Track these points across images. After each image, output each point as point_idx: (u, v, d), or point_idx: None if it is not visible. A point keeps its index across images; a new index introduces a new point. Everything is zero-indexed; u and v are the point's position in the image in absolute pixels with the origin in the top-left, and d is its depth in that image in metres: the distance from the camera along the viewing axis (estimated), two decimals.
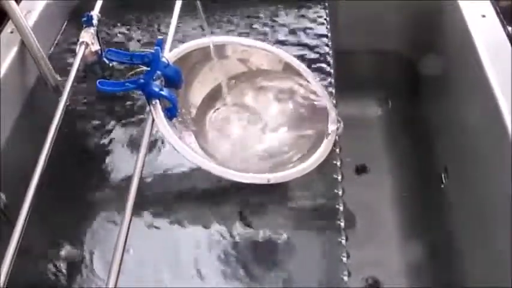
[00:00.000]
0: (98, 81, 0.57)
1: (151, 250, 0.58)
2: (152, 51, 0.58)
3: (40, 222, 0.57)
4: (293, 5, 0.85)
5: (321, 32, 0.80)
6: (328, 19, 0.83)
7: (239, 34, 0.80)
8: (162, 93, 0.58)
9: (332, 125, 0.62)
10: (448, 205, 0.81)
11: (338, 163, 0.62)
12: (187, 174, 0.64)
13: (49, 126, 0.58)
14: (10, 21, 0.71)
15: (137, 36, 0.84)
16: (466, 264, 0.73)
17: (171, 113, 0.59)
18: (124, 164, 0.66)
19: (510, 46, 0.69)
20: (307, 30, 0.81)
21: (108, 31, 0.84)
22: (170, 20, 0.68)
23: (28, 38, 0.70)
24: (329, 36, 0.79)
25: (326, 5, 0.85)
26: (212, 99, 0.68)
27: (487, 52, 0.69)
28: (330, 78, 0.72)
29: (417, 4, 0.92)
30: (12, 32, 0.73)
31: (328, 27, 0.81)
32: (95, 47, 0.72)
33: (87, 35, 0.70)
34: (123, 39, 0.83)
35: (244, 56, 0.69)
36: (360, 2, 0.94)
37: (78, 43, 0.70)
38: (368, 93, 1.04)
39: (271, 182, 0.56)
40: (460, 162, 0.78)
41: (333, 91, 0.70)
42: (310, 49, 0.77)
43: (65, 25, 0.85)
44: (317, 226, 0.58)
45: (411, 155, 0.95)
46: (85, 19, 0.72)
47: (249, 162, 0.61)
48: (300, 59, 0.72)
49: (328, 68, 0.74)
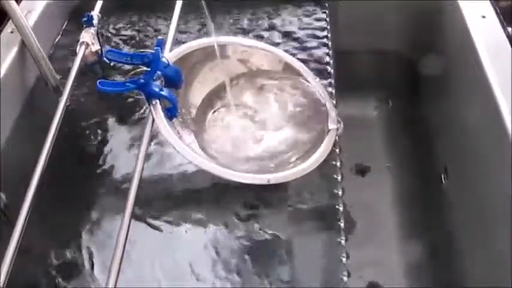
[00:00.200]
0: (98, 81, 0.57)
1: (150, 250, 0.58)
2: (152, 51, 0.58)
3: (40, 222, 0.57)
4: (293, 5, 0.85)
5: (321, 32, 0.80)
6: (328, 19, 0.83)
7: (239, 34, 0.80)
8: (162, 93, 0.58)
9: (332, 124, 0.62)
10: (448, 205, 0.81)
11: (338, 163, 0.61)
12: (187, 174, 0.64)
13: (49, 126, 0.58)
14: (10, 21, 0.71)
15: (137, 36, 0.84)
16: (466, 264, 0.73)
17: (171, 113, 0.59)
18: (124, 164, 0.66)
19: (510, 46, 0.69)
20: (307, 30, 0.81)
21: (108, 31, 0.85)
22: (170, 20, 0.69)
23: (28, 38, 0.70)
24: (329, 36, 0.79)
25: (326, 5, 0.85)
26: (212, 99, 0.68)
27: (487, 52, 0.69)
28: (330, 78, 0.72)
29: (417, 4, 0.92)
30: (12, 32, 0.73)
31: (328, 27, 0.81)
32: (95, 47, 0.72)
33: (87, 35, 0.71)
34: (123, 39, 0.84)
35: (244, 57, 0.69)
36: (360, 2, 0.94)
37: (78, 43, 0.70)
38: (368, 93, 1.04)
39: (271, 183, 0.56)
40: (460, 162, 0.78)
41: (333, 91, 0.70)
42: (310, 49, 0.77)
43: (65, 25, 0.85)
44: (317, 226, 0.58)
45: (411, 155, 0.95)
46: (85, 19, 0.72)
47: (249, 162, 0.61)
48: (300, 59, 0.72)
49: (328, 68, 0.74)
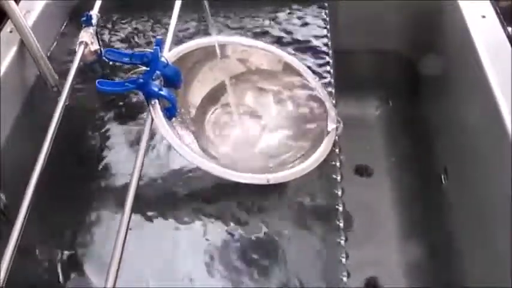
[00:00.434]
0: (97, 81, 0.57)
1: (150, 250, 0.58)
2: (151, 51, 0.58)
3: (39, 221, 0.57)
4: (293, 5, 0.85)
5: (321, 32, 0.80)
6: (328, 19, 0.82)
7: (238, 34, 0.80)
8: (162, 93, 0.58)
9: (331, 124, 0.62)
10: (448, 205, 0.81)
11: (337, 163, 0.61)
12: (186, 174, 0.64)
13: (48, 125, 0.58)
14: (9, 20, 0.71)
15: (136, 35, 0.84)
16: (466, 264, 0.73)
17: (171, 113, 0.59)
18: (123, 164, 0.66)
19: (510, 46, 0.69)
20: (307, 29, 0.81)
21: (107, 31, 0.85)
22: (169, 20, 0.69)
23: (27, 38, 0.70)
24: (329, 36, 0.79)
25: (326, 5, 0.85)
26: (212, 99, 0.68)
27: (487, 52, 0.69)
28: (330, 78, 0.72)
29: (417, 4, 0.92)
30: (11, 32, 0.73)
31: (328, 27, 0.81)
32: (94, 47, 0.72)
33: (86, 35, 0.71)
34: (122, 39, 0.83)
35: (243, 56, 0.69)
36: (360, 2, 0.94)
37: (77, 43, 0.70)
38: (368, 93, 1.04)
39: (270, 182, 0.56)
40: (460, 162, 0.78)
41: (333, 91, 0.70)
42: (309, 49, 0.77)
43: (65, 25, 0.85)
44: (316, 226, 0.58)
45: (411, 155, 0.95)
46: (84, 19, 0.72)
47: (249, 162, 0.61)
48: (300, 59, 0.72)
49: (328, 68, 0.74)
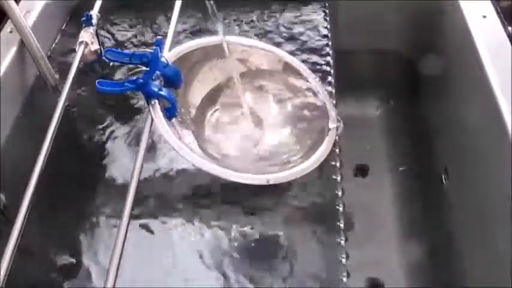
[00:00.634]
0: (97, 81, 0.57)
1: (149, 250, 0.58)
2: (151, 51, 0.58)
3: (39, 221, 0.57)
4: (293, 5, 0.85)
5: (321, 32, 0.80)
6: (328, 19, 0.82)
7: (238, 34, 0.80)
8: (161, 93, 0.58)
9: (332, 124, 0.62)
10: (448, 205, 0.81)
11: (338, 164, 0.61)
12: (186, 174, 0.64)
13: (48, 125, 0.58)
14: (9, 20, 0.71)
15: (136, 35, 0.84)
16: (466, 264, 0.73)
17: (170, 113, 0.59)
18: (122, 164, 0.66)
19: (510, 46, 0.69)
20: (307, 30, 0.81)
21: (107, 31, 0.84)
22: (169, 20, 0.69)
23: (27, 38, 0.70)
24: (329, 36, 0.79)
25: (326, 5, 0.85)
26: (212, 99, 0.68)
27: (488, 52, 0.69)
28: (330, 78, 0.72)
29: (417, 4, 0.92)
30: (11, 32, 0.72)
31: (328, 27, 0.81)
32: (94, 47, 0.72)
33: (86, 35, 0.70)
34: (122, 39, 0.83)
35: (243, 56, 0.69)
36: (360, 2, 0.93)
37: (77, 43, 0.70)
38: (368, 93, 1.04)
39: (270, 183, 0.56)
40: (460, 162, 0.78)
41: (333, 91, 0.70)
42: (310, 49, 0.77)
43: (65, 25, 0.85)
44: (316, 227, 0.58)
45: (411, 155, 0.95)
46: (84, 19, 0.72)
47: (249, 162, 0.61)
48: (300, 59, 0.72)
49: (328, 68, 0.74)
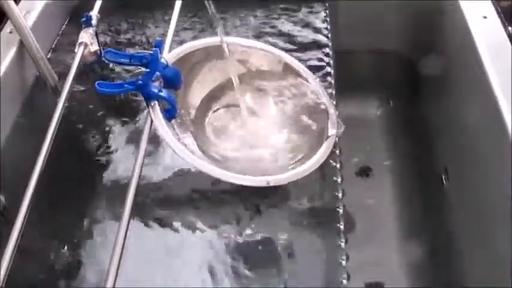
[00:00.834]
0: (97, 82, 0.57)
1: (149, 251, 0.58)
2: (151, 52, 0.57)
3: (39, 221, 0.56)
4: (293, 5, 0.85)
5: (321, 32, 0.80)
6: (328, 19, 0.82)
7: (238, 34, 0.80)
8: (161, 94, 0.58)
9: (332, 129, 0.62)
10: (448, 205, 0.81)
11: (338, 165, 0.61)
12: (185, 176, 0.64)
13: (48, 126, 0.58)
14: (9, 21, 0.71)
15: (136, 36, 0.84)
16: (466, 264, 0.73)
17: (170, 114, 0.59)
18: (122, 165, 0.66)
19: (511, 46, 0.69)
20: (307, 30, 0.81)
21: (107, 31, 0.84)
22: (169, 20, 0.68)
23: (27, 38, 0.70)
24: (329, 36, 0.79)
25: (326, 5, 0.85)
26: (211, 100, 0.67)
27: (488, 52, 0.69)
28: (330, 78, 0.72)
29: (417, 4, 0.92)
30: (11, 32, 0.72)
31: (328, 27, 0.81)
32: (94, 48, 0.72)
33: (86, 36, 0.70)
34: (122, 39, 0.83)
35: (243, 57, 0.69)
36: (360, 2, 0.93)
37: (77, 43, 0.70)
38: (368, 93, 1.04)
39: (270, 185, 0.56)
40: (460, 162, 0.78)
41: (333, 92, 0.69)
42: (310, 49, 0.77)
43: (64, 25, 0.85)
44: (317, 229, 0.58)
45: (411, 155, 0.95)
46: (84, 19, 0.71)
47: (249, 164, 0.61)
48: (300, 59, 0.72)
49: (328, 68, 0.74)
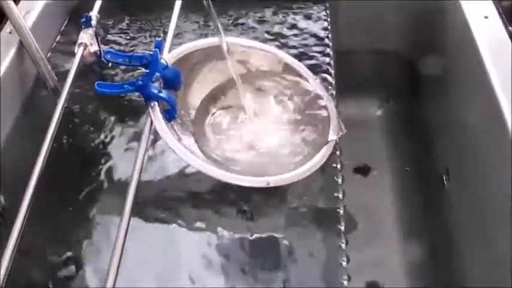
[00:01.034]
0: (96, 83, 0.57)
1: (149, 252, 0.58)
2: (151, 52, 0.57)
3: (38, 222, 0.56)
4: (293, 5, 0.85)
5: (322, 32, 0.80)
6: (328, 19, 0.82)
7: (238, 35, 0.80)
8: (161, 95, 0.58)
9: (333, 132, 0.62)
10: (448, 205, 0.81)
11: (338, 166, 0.61)
12: (185, 176, 0.64)
13: (48, 126, 0.58)
14: (9, 21, 0.71)
15: (136, 36, 0.84)
16: (466, 264, 0.73)
17: (170, 115, 0.59)
18: (122, 166, 0.66)
19: None
20: (307, 30, 0.81)
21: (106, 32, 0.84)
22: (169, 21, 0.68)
23: (27, 39, 0.69)
24: (330, 36, 0.79)
25: (326, 5, 0.85)
26: (212, 100, 0.67)
27: (489, 52, 0.69)
28: (330, 78, 0.72)
29: (417, 4, 0.92)
30: (10, 33, 0.72)
31: (328, 27, 0.81)
32: (94, 48, 0.71)
33: (85, 36, 0.70)
34: (122, 40, 0.83)
35: (243, 57, 0.69)
36: (360, 2, 0.93)
37: (76, 44, 0.70)
38: (368, 93, 1.04)
39: (271, 185, 0.56)
40: (460, 162, 0.78)
41: (334, 92, 0.69)
42: (310, 49, 0.77)
43: (64, 26, 0.85)
44: (317, 230, 0.58)
45: (411, 155, 0.95)
46: (84, 20, 0.71)
47: (249, 164, 0.61)
48: (300, 60, 0.72)
49: (328, 69, 0.74)
